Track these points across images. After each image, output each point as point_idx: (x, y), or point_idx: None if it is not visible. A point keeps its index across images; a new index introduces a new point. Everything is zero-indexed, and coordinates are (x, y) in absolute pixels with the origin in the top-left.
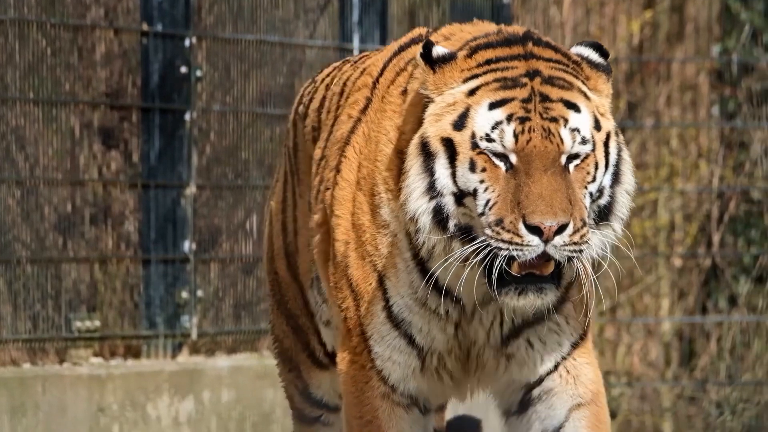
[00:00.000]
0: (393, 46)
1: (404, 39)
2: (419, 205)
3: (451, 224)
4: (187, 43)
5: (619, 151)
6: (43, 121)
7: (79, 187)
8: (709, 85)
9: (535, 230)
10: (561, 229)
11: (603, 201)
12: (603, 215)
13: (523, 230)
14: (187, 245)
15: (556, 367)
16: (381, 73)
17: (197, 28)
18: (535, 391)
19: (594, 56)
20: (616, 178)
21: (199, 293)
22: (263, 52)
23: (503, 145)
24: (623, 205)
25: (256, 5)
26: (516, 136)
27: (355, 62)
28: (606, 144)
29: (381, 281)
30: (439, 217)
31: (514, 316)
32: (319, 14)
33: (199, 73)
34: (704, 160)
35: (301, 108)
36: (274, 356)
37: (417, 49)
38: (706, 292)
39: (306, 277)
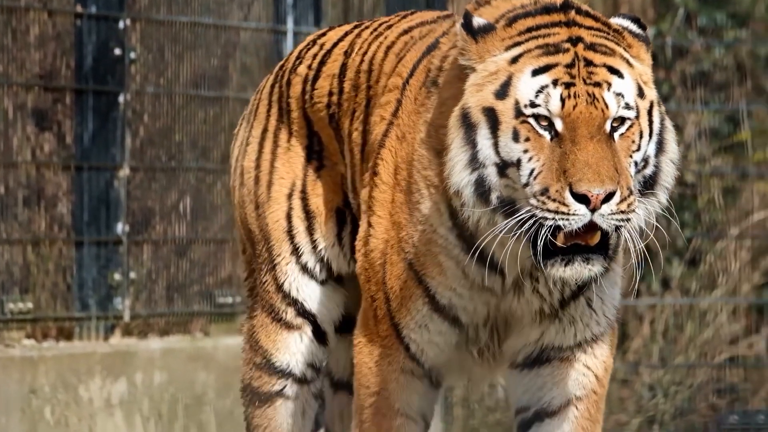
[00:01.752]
0: (420, 46)
1: (430, 39)
2: (462, 177)
3: (494, 197)
4: (121, 25)
5: (663, 120)
6: None
7: (12, 168)
8: None
9: (582, 199)
10: (608, 197)
11: (648, 171)
12: (648, 185)
13: (569, 199)
14: (120, 227)
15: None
16: (411, 74)
17: (131, 10)
18: (547, 353)
19: (634, 27)
20: (660, 147)
21: (132, 275)
22: (197, 34)
23: (548, 110)
24: (668, 174)
25: None
26: (563, 100)
27: (376, 29)
28: (650, 112)
29: (420, 278)
30: (482, 190)
31: (560, 287)
32: None
33: (133, 55)
34: None
35: (301, 68)
36: (244, 331)
37: (443, 52)
38: (629, 279)
39: (276, 225)
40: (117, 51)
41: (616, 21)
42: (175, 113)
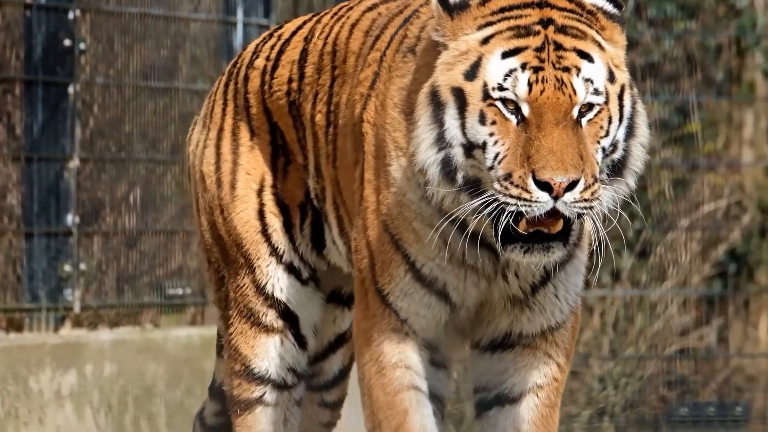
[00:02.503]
0: (398, 20)
1: (407, 12)
2: (428, 156)
3: (460, 176)
4: (70, 15)
5: (634, 103)
6: None
7: None
8: None
9: (544, 186)
10: (571, 185)
11: (617, 155)
12: (616, 169)
13: (532, 186)
14: (71, 218)
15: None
16: (388, 46)
17: (81, 1)
18: (512, 339)
19: (609, 7)
20: (630, 131)
21: (82, 266)
22: (147, 25)
23: (516, 94)
24: (637, 158)
25: None
26: (530, 84)
27: (336, 12)
28: (620, 97)
29: (397, 243)
30: (448, 169)
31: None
32: None
33: (82, 45)
34: None
35: (258, 61)
36: (223, 337)
37: (422, 21)
38: (589, 267)
39: (246, 227)
40: (67, 42)
41: (591, 0)
42: (125, 104)
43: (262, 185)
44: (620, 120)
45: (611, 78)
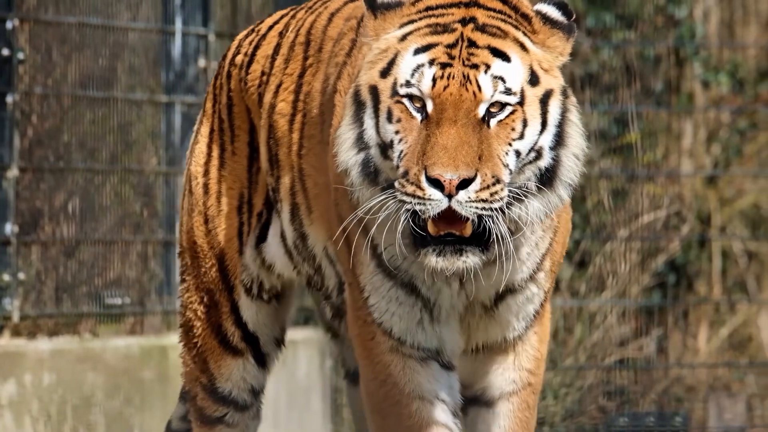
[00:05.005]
0: None
1: None
2: (349, 157)
3: (382, 178)
4: (9, 25)
5: (564, 111)
6: None
7: None
8: None
9: (435, 183)
10: (464, 183)
11: (543, 163)
12: (546, 179)
13: (424, 183)
14: (9, 228)
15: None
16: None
17: (19, 11)
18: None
19: (553, 12)
20: (559, 140)
21: (21, 276)
22: (85, 34)
23: (420, 90)
24: (570, 169)
25: None
26: (434, 80)
27: (311, 7)
28: (544, 102)
29: (365, 228)
30: (368, 170)
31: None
32: None
33: (21, 55)
34: None
35: (239, 57)
36: (182, 345)
37: None
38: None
39: (229, 244)
40: (5, 51)
41: (537, 7)
42: (64, 114)
43: (241, 201)
44: (543, 125)
45: (533, 81)
